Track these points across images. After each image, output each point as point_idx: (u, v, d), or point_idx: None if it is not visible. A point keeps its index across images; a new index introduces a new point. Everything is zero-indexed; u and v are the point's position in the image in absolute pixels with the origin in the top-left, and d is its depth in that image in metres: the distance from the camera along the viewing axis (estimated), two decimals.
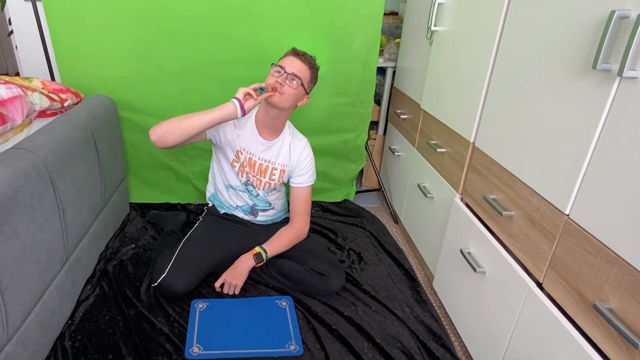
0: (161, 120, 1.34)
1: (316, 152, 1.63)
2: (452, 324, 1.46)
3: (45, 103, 1.43)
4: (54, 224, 1.22)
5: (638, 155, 0.76)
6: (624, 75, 0.76)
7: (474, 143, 1.36)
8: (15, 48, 2.21)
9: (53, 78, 1.98)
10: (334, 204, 2.24)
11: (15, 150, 1.15)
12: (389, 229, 2.07)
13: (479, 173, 1.32)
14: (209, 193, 1.73)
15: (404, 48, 2.09)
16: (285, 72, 1.37)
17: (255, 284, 1.57)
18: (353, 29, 1.88)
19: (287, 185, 1.64)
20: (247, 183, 1.58)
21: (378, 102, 2.34)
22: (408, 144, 1.98)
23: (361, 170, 2.38)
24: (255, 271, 1.58)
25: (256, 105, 1.34)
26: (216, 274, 1.55)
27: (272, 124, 1.49)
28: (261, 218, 1.68)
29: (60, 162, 1.26)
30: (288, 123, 1.57)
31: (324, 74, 1.58)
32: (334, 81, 1.96)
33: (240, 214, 1.67)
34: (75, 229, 1.38)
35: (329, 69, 1.89)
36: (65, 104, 1.56)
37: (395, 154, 2.13)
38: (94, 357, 1.23)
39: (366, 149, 2.26)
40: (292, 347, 1.31)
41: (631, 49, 0.74)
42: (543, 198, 1.01)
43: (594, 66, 0.82)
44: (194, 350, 1.28)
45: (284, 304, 1.49)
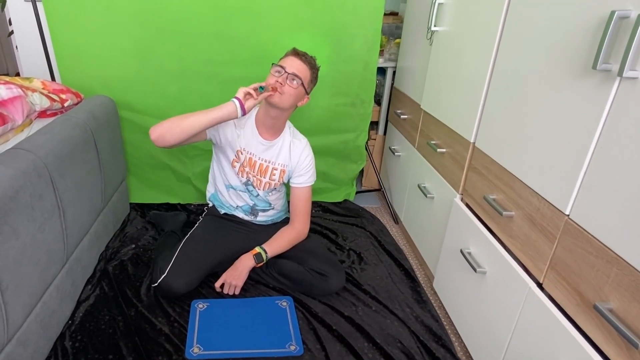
0: (161, 121, 1.34)
1: (316, 152, 1.63)
2: (453, 324, 1.46)
3: (45, 103, 1.43)
4: (54, 224, 1.22)
5: (638, 156, 0.76)
6: (624, 75, 0.76)
7: (474, 143, 1.36)
8: (15, 48, 2.21)
9: (53, 78, 1.98)
10: (334, 204, 2.25)
11: (16, 150, 1.15)
12: (389, 229, 2.07)
13: (479, 173, 1.32)
14: (209, 193, 1.73)
15: (404, 48, 2.09)
16: (285, 72, 1.37)
17: (256, 284, 1.57)
18: (353, 29, 1.88)
19: (287, 185, 1.64)
20: (248, 183, 1.58)
21: (378, 102, 2.34)
22: (408, 144, 1.98)
23: (361, 171, 2.38)
24: (256, 271, 1.58)
25: (256, 104, 1.34)
26: (216, 274, 1.55)
27: (272, 124, 1.49)
28: (261, 218, 1.68)
29: (60, 163, 1.26)
30: (288, 123, 1.57)
31: (324, 74, 1.59)
32: (334, 81, 1.96)
33: (240, 214, 1.67)
34: (76, 229, 1.38)
35: (329, 69, 1.89)
36: (66, 104, 1.57)
37: (396, 154, 2.13)
38: (94, 357, 1.23)
39: (366, 149, 2.26)
40: (293, 348, 1.31)
41: (631, 49, 0.74)
42: (543, 198, 1.01)
43: (594, 66, 0.82)
44: (194, 350, 1.28)
45: (284, 304, 1.49)
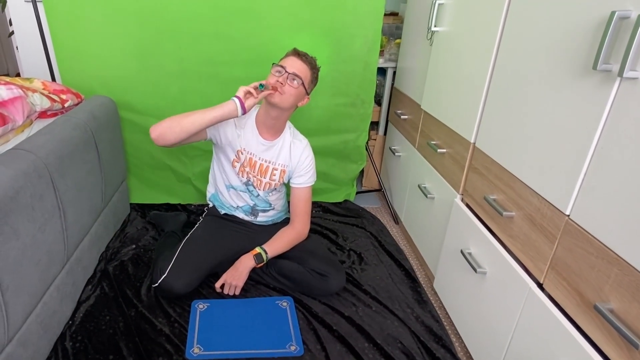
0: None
1: (317, 153, 1.63)
2: (453, 325, 1.46)
3: (45, 104, 1.43)
4: (55, 225, 1.22)
5: (638, 156, 0.76)
6: (624, 75, 0.76)
7: (475, 143, 1.36)
8: (16, 49, 2.21)
9: (54, 79, 1.98)
10: (334, 204, 2.25)
11: (16, 150, 1.15)
12: (389, 229, 2.07)
13: (480, 173, 1.32)
14: (209, 194, 1.73)
15: (404, 48, 2.09)
16: (286, 72, 1.38)
17: (256, 284, 1.57)
18: (353, 29, 1.88)
19: (288, 185, 1.64)
20: (248, 183, 1.58)
21: (378, 103, 2.34)
22: (408, 144, 1.98)
23: (362, 171, 2.38)
24: (256, 272, 1.58)
25: (256, 103, 1.34)
26: (216, 275, 1.55)
27: (273, 124, 1.49)
28: (261, 219, 1.68)
29: (60, 163, 1.26)
30: (288, 124, 1.57)
31: (324, 74, 1.59)
32: (334, 81, 1.96)
33: (240, 215, 1.67)
34: (76, 229, 1.38)
35: (330, 69, 1.89)
36: (66, 105, 1.57)
37: (396, 154, 2.13)
38: (95, 358, 1.23)
39: (367, 150, 2.26)
40: (293, 348, 1.31)
41: (631, 49, 0.74)
42: (543, 198, 1.01)
43: (594, 67, 0.82)
44: (195, 350, 1.28)
45: (285, 304, 1.49)
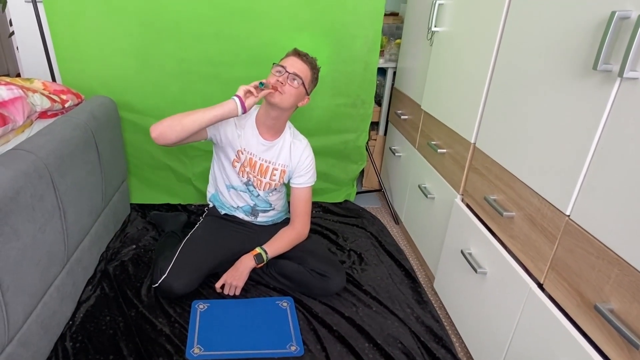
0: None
1: (317, 153, 1.63)
2: (453, 325, 1.46)
3: (46, 104, 1.44)
4: (55, 225, 1.22)
5: (639, 156, 0.76)
6: (624, 76, 0.76)
7: (475, 144, 1.36)
8: (16, 49, 2.21)
9: (54, 79, 1.99)
10: (334, 204, 2.25)
11: (16, 151, 1.15)
12: (389, 229, 2.07)
13: (480, 174, 1.32)
14: (209, 194, 1.73)
15: (405, 49, 2.09)
16: (286, 72, 1.38)
17: (256, 284, 1.57)
18: (353, 29, 1.88)
19: (288, 186, 1.64)
20: (248, 183, 1.58)
21: (379, 103, 2.34)
22: (409, 144, 1.98)
23: (362, 171, 2.38)
24: (256, 272, 1.58)
25: (256, 102, 1.34)
26: (217, 275, 1.55)
27: (273, 124, 1.49)
28: (262, 219, 1.68)
29: (61, 163, 1.26)
30: (288, 124, 1.57)
31: (324, 74, 1.59)
32: (334, 82, 1.96)
33: (240, 215, 1.67)
34: (76, 229, 1.38)
35: (330, 69, 1.89)
36: (66, 105, 1.57)
37: (396, 154, 2.13)
38: (95, 358, 1.23)
39: (367, 150, 2.26)
40: (293, 348, 1.31)
41: (632, 49, 0.74)
42: (544, 199, 1.01)
43: (594, 67, 0.82)
44: (195, 351, 1.28)
45: (285, 304, 1.49)
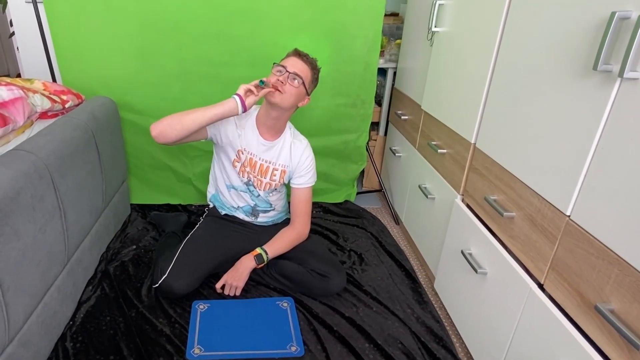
0: None
1: (317, 153, 1.63)
2: (453, 325, 1.46)
3: (46, 104, 1.44)
4: (55, 225, 1.22)
5: (639, 156, 0.76)
6: (624, 76, 0.76)
7: (475, 144, 1.36)
8: (16, 49, 2.21)
9: (54, 79, 1.99)
10: (334, 204, 2.25)
11: (17, 151, 1.15)
12: (390, 229, 2.07)
13: (480, 174, 1.32)
14: (209, 194, 1.73)
15: (405, 49, 2.09)
16: (287, 72, 1.38)
17: (256, 285, 1.57)
18: (354, 30, 1.88)
19: (288, 186, 1.64)
20: (249, 183, 1.58)
21: (379, 103, 2.34)
22: (409, 144, 1.98)
23: (362, 171, 2.38)
24: (256, 272, 1.58)
25: (257, 101, 1.34)
26: (217, 275, 1.55)
27: (273, 124, 1.49)
28: (262, 219, 1.68)
29: (61, 164, 1.27)
30: (289, 124, 1.57)
31: (324, 74, 1.59)
32: (334, 82, 1.96)
33: (241, 215, 1.67)
34: (77, 230, 1.38)
35: (330, 69, 1.89)
36: (67, 106, 1.57)
37: (396, 154, 2.13)
38: (95, 358, 1.23)
39: (367, 150, 2.26)
40: (293, 348, 1.31)
41: (632, 50, 0.74)
42: (544, 199, 1.01)
43: (594, 67, 0.82)
44: (195, 351, 1.28)
45: (285, 305, 1.49)
